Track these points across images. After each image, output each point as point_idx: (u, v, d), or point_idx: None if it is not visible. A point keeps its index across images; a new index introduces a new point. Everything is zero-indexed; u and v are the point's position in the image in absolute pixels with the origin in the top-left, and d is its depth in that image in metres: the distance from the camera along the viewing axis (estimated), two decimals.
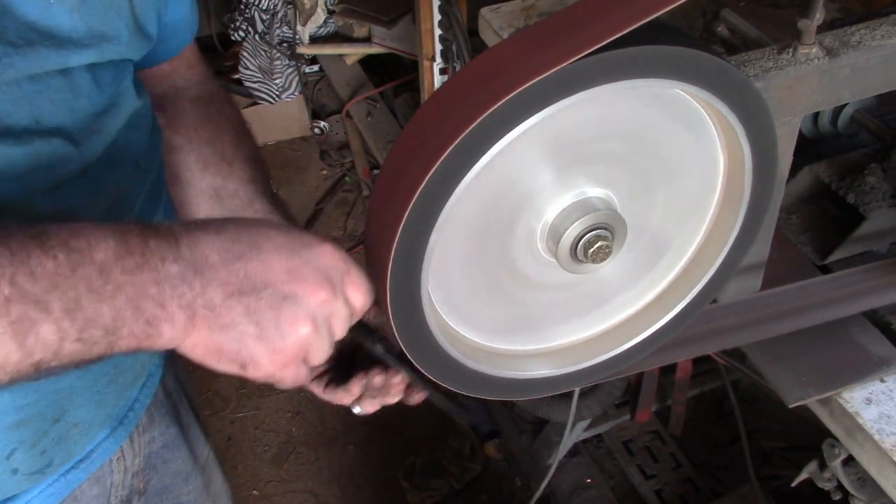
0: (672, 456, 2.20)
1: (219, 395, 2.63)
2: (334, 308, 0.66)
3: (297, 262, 0.64)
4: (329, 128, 3.54)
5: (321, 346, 0.67)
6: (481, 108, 0.57)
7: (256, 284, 0.62)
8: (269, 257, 0.63)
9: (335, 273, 0.66)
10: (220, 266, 0.62)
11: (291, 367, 0.66)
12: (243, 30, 3.39)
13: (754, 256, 0.93)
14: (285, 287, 0.63)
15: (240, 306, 0.62)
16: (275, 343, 0.64)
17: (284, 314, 0.63)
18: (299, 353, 0.66)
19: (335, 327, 0.67)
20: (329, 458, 2.44)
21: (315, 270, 0.65)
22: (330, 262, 0.66)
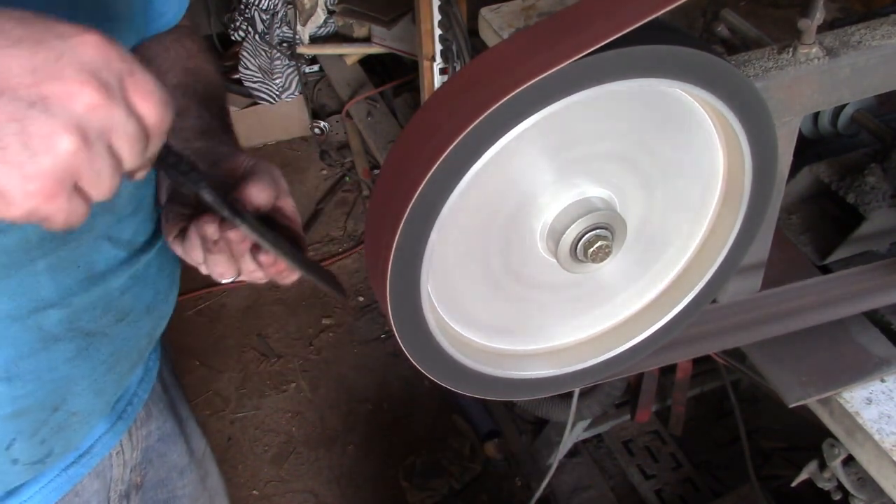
0: (672, 456, 2.20)
1: (219, 395, 2.63)
2: (112, 117, 0.50)
3: (47, 56, 0.49)
4: (329, 128, 3.54)
5: (98, 169, 0.51)
6: (481, 107, 0.57)
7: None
8: (5, 54, 0.48)
9: (108, 72, 0.50)
10: None
11: (59, 197, 0.50)
12: (243, 30, 3.39)
13: (754, 256, 0.93)
14: (31, 90, 0.48)
15: None
16: (25, 166, 0.48)
17: (33, 125, 0.48)
18: (65, 177, 0.50)
19: (119, 146, 0.52)
20: (329, 458, 2.44)
21: (75, 66, 0.49)
22: (97, 56, 0.50)
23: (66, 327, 0.79)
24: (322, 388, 2.62)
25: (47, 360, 0.79)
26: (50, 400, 0.81)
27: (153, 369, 1.01)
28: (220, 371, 2.70)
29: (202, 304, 2.90)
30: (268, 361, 2.72)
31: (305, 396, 2.60)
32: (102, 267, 0.81)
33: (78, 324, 0.80)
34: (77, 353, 0.81)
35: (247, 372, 2.69)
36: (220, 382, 2.67)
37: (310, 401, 2.59)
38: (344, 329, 2.79)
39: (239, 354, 2.75)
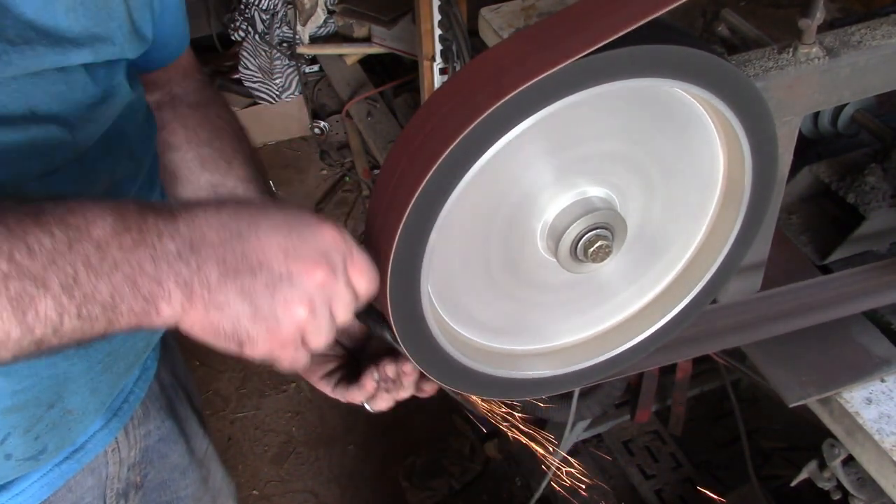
0: (672, 456, 2.20)
1: (219, 395, 2.63)
2: (334, 290, 0.64)
3: (295, 241, 0.63)
4: (329, 128, 3.54)
5: (319, 329, 0.65)
6: (481, 107, 0.57)
7: (252, 264, 0.61)
8: (266, 235, 0.62)
9: (336, 254, 0.64)
10: (217, 244, 0.61)
11: (289, 348, 0.65)
12: (243, 30, 3.39)
13: (754, 256, 0.93)
14: (281, 267, 0.62)
15: (235, 285, 0.61)
16: (269, 324, 0.63)
17: (279, 295, 0.62)
18: (296, 335, 0.65)
19: (336, 310, 0.66)
20: (329, 458, 2.44)
21: (314, 250, 0.63)
22: (331, 242, 0.64)
23: None
24: None
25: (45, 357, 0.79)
26: (46, 396, 0.81)
27: (151, 369, 1.02)
28: (220, 371, 2.70)
29: None
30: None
31: (305, 396, 2.60)
32: None
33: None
34: (74, 351, 0.81)
35: (247, 372, 2.69)
36: (220, 382, 2.67)
37: (310, 401, 2.59)
38: None
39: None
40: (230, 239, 0.61)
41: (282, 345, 0.65)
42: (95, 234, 0.58)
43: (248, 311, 0.62)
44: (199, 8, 3.58)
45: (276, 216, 0.64)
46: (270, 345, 0.64)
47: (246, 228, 0.62)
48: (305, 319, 0.64)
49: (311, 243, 0.63)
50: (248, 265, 0.61)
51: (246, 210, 0.63)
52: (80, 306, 0.58)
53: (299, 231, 0.63)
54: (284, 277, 0.62)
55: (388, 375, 0.83)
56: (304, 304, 0.63)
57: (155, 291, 0.60)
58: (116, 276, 0.58)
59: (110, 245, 0.58)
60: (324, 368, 0.87)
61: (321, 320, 0.65)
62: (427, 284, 0.66)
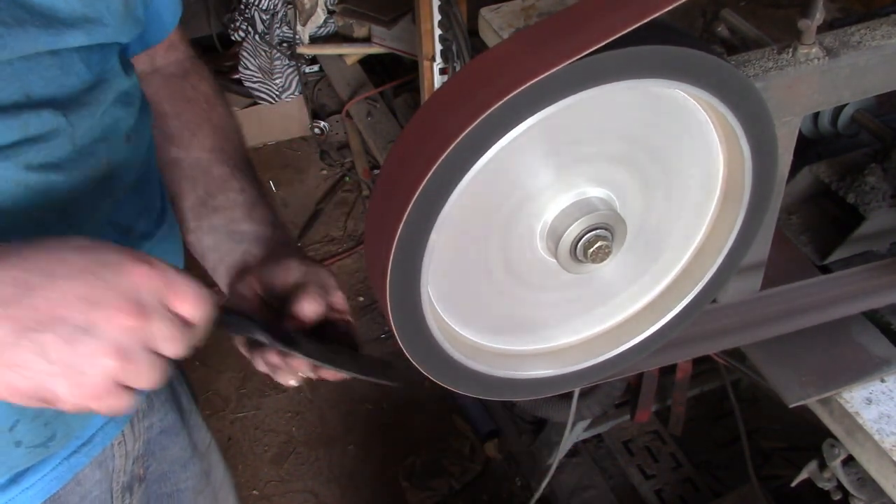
0: (672, 456, 2.20)
1: (219, 395, 2.63)
2: (149, 331, 0.61)
3: (96, 287, 0.59)
4: (329, 128, 3.54)
5: (139, 373, 0.61)
6: (481, 107, 0.57)
7: (46, 319, 0.57)
8: (62, 285, 0.58)
9: (146, 293, 0.60)
10: (7, 301, 0.57)
11: (103, 398, 0.61)
12: (243, 30, 3.39)
13: (754, 256, 0.93)
14: (80, 318, 0.58)
15: (31, 344, 0.57)
16: (74, 379, 0.59)
17: (81, 348, 0.58)
18: (108, 384, 0.60)
19: (162, 348, 0.62)
20: (329, 458, 2.44)
21: (117, 294, 0.59)
22: (140, 280, 0.60)
23: None
24: (322, 388, 2.62)
25: None
26: None
27: None
28: (220, 371, 2.70)
29: None
30: None
31: (305, 396, 2.60)
32: None
33: None
34: None
35: (247, 372, 2.69)
36: (220, 382, 2.67)
37: (310, 401, 2.59)
38: None
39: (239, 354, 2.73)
40: (22, 295, 0.57)
41: (94, 396, 0.61)
42: None
43: (47, 369, 0.58)
44: (199, 8, 3.58)
45: (75, 261, 0.59)
46: (82, 398, 0.60)
47: (38, 280, 0.58)
48: (115, 368, 0.60)
49: (115, 287, 0.59)
50: (42, 321, 0.57)
51: (41, 257, 0.59)
52: None
53: (100, 275, 0.59)
54: (84, 329, 0.58)
55: (274, 364, 0.81)
56: (109, 354, 0.59)
57: None
58: None
59: None
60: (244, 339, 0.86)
61: (138, 364, 0.61)
62: (427, 284, 0.66)
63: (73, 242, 0.61)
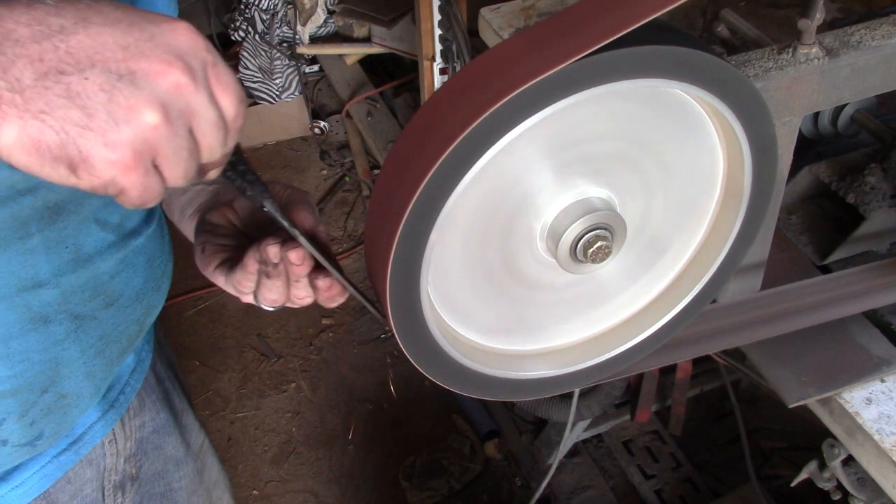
0: (672, 456, 2.20)
1: (219, 395, 2.63)
2: (194, 100, 0.52)
3: (139, 37, 0.51)
4: (329, 128, 3.54)
5: (177, 148, 0.52)
6: (482, 108, 0.57)
7: (81, 61, 0.49)
8: (99, 31, 0.50)
9: (195, 59, 0.52)
10: (28, 40, 0.49)
11: (136, 170, 0.51)
12: (243, 30, 3.39)
13: (754, 256, 0.93)
14: (121, 65, 0.50)
15: (58, 87, 0.49)
16: (108, 133, 0.49)
17: (119, 96, 0.49)
18: (144, 150, 0.51)
19: (198, 130, 0.53)
20: (329, 458, 2.44)
21: (164, 48, 0.51)
22: (187, 42, 0.52)
23: (56, 308, 0.80)
24: (322, 388, 2.62)
25: (37, 341, 0.79)
26: (39, 381, 0.81)
27: (146, 360, 1.02)
28: (220, 371, 2.70)
29: (202, 304, 2.90)
30: (268, 361, 2.72)
31: (305, 396, 2.60)
32: (90, 249, 0.82)
33: (67, 305, 0.81)
34: (66, 335, 0.82)
35: (247, 372, 2.69)
36: (220, 382, 2.67)
37: (310, 401, 2.59)
38: (344, 329, 2.79)
39: (239, 354, 2.75)
40: (48, 35, 0.49)
41: (126, 165, 0.51)
42: None
43: (77, 117, 0.49)
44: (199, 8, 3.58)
45: (113, 12, 0.51)
46: (111, 164, 0.50)
47: (71, 24, 0.50)
48: (156, 128, 0.51)
49: (160, 40, 0.51)
50: (75, 63, 0.49)
51: (71, 4, 0.51)
52: None
53: (143, 27, 0.51)
54: (127, 75, 0.50)
55: (270, 258, 0.71)
56: (153, 107, 0.50)
57: None
58: None
59: None
60: (219, 258, 0.78)
61: (178, 136, 0.52)
62: (427, 284, 0.66)
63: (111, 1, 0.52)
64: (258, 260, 0.72)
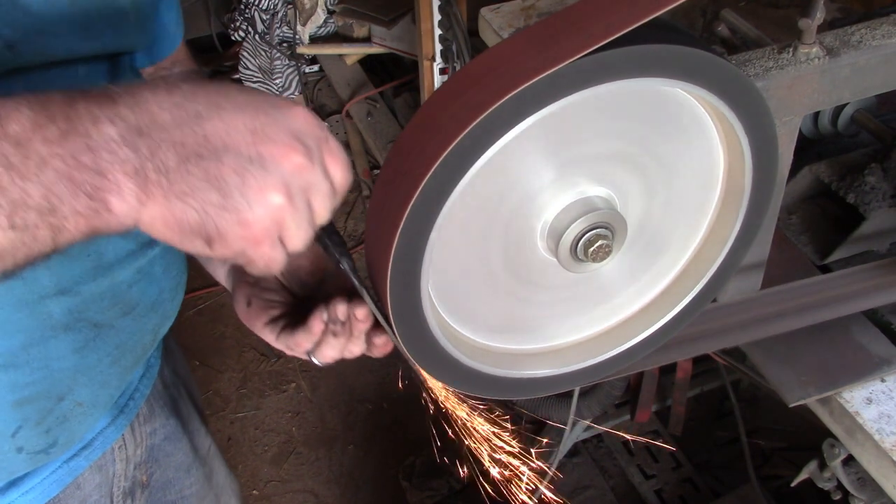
0: (672, 456, 2.20)
1: (219, 395, 2.63)
2: (312, 177, 0.57)
3: (265, 122, 0.56)
4: (329, 128, 3.54)
5: (298, 222, 0.58)
6: (482, 107, 0.57)
7: (216, 146, 0.54)
8: (231, 117, 0.55)
9: (311, 138, 0.58)
10: (171, 126, 0.53)
11: (264, 244, 0.57)
12: (243, 30, 3.39)
13: (754, 256, 0.93)
14: (251, 149, 0.55)
15: (198, 170, 0.54)
16: (242, 213, 0.55)
17: (251, 179, 0.55)
18: (272, 228, 0.57)
19: (314, 202, 0.59)
20: (329, 458, 2.44)
21: (286, 131, 0.56)
22: (304, 125, 0.58)
23: (75, 317, 0.80)
24: (322, 388, 2.62)
25: (55, 349, 0.80)
26: (56, 389, 0.81)
27: (154, 366, 1.02)
28: (220, 371, 2.70)
29: (202, 304, 2.90)
30: (268, 361, 2.72)
31: (305, 396, 2.60)
32: (111, 258, 0.82)
33: (86, 314, 0.81)
34: (86, 343, 0.82)
35: (247, 372, 2.69)
36: (220, 382, 2.67)
37: (310, 401, 2.59)
38: None
39: (239, 354, 2.75)
40: (189, 120, 0.54)
41: (256, 240, 0.57)
42: (12, 129, 0.51)
43: (215, 199, 0.54)
44: (199, 8, 3.58)
45: (239, 97, 0.56)
46: (243, 239, 0.56)
47: (205, 109, 0.55)
48: (282, 208, 0.56)
49: (283, 124, 0.57)
50: (211, 148, 0.54)
51: (206, 89, 0.56)
52: (10, 215, 0.51)
53: (267, 111, 0.56)
54: (255, 160, 0.55)
55: (338, 316, 0.75)
56: (279, 190, 0.56)
57: (99, 185, 0.52)
58: (47, 175, 0.51)
59: (32, 140, 0.51)
60: (268, 314, 0.82)
61: (300, 211, 0.57)
62: (427, 284, 0.66)
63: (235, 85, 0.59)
64: (324, 320, 0.76)
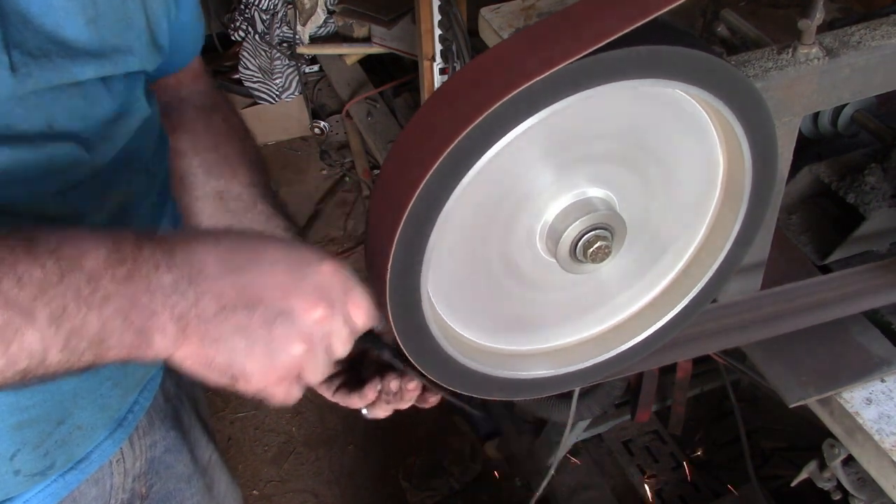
0: (672, 456, 2.20)
1: (219, 395, 2.63)
2: (332, 327, 0.65)
3: (295, 277, 0.64)
4: (329, 128, 3.54)
5: (317, 366, 0.66)
6: (481, 107, 0.57)
7: (250, 299, 0.62)
8: (266, 271, 0.63)
9: (335, 291, 0.65)
10: (215, 277, 0.61)
11: (283, 384, 0.66)
12: (243, 30, 3.39)
13: (754, 256, 0.93)
14: (280, 303, 0.63)
15: (232, 320, 0.61)
16: (265, 360, 0.63)
17: (277, 331, 0.62)
18: (292, 372, 0.65)
19: (334, 346, 0.67)
20: (329, 458, 2.44)
21: (313, 287, 0.64)
22: (330, 279, 0.65)
23: None
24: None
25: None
26: (56, 412, 0.81)
27: (156, 379, 1.01)
28: None
29: None
30: None
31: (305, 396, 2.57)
32: None
33: None
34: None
35: None
36: None
37: (310, 401, 2.59)
38: None
39: None
40: (229, 272, 0.61)
41: (276, 381, 0.65)
42: (88, 265, 0.57)
43: (243, 347, 0.62)
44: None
45: (277, 251, 0.65)
46: (265, 381, 0.64)
47: (246, 262, 0.62)
48: (302, 356, 0.64)
49: (311, 280, 0.64)
50: (246, 300, 0.61)
51: (247, 244, 0.64)
52: (66, 339, 0.57)
53: (299, 267, 0.64)
54: (283, 313, 0.63)
55: (392, 389, 0.83)
56: (301, 341, 0.64)
57: (148, 324, 0.59)
58: (108, 309, 0.57)
59: (103, 277, 0.57)
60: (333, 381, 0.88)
61: (318, 356, 0.66)
62: (427, 285, 0.66)
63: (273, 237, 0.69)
64: (377, 390, 0.83)
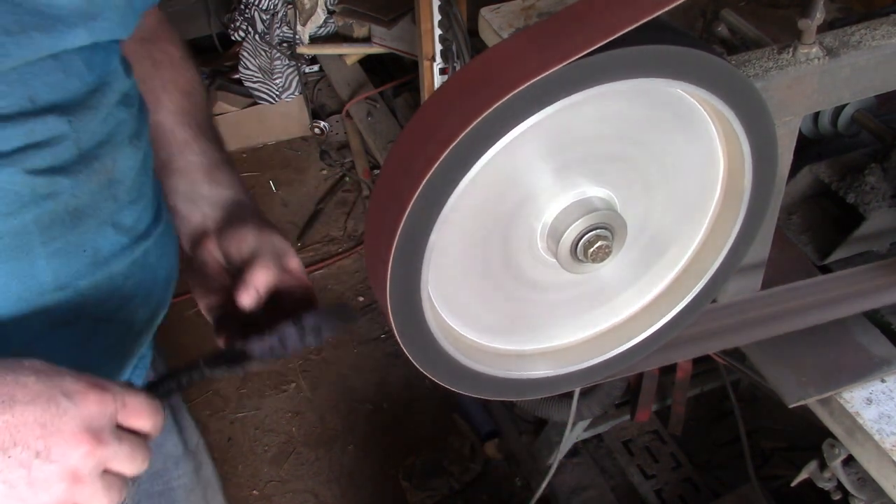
0: (672, 456, 2.20)
1: (219, 395, 2.63)
2: (104, 455, 0.64)
3: (54, 413, 0.62)
4: (329, 128, 3.54)
5: (95, 495, 0.65)
6: (481, 107, 0.57)
7: (5, 442, 0.61)
8: (22, 410, 0.62)
9: (101, 419, 0.64)
10: None
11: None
12: (243, 30, 3.39)
13: (754, 256, 0.93)
14: (38, 443, 0.62)
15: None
16: (28, 501, 0.62)
17: (36, 473, 0.62)
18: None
19: (120, 468, 0.66)
20: (329, 458, 2.44)
21: (74, 421, 0.63)
22: (94, 408, 0.64)
23: (77, 312, 0.81)
24: (322, 388, 2.62)
25: (58, 345, 0.80)
26: None
27: (147, 356, 1.02)
28: None
29: None
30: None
31: (305, 396, 2.60)
32: (107, 252, 0.83)
33: (86, 309, 0.82)
34: (87, 338, 0.83)
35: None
36: (220, 382, 2.67)
37: (310, 401, 2.59)
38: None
39: None
40: None
41: None
42: None
43: (5, 490, 0.61)
44: (199, 8, 3.58)
45: (35, 386, 0.63)
46: None
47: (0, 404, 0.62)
48: (69, 492, 0.63)
49: (73, 414, 0.63)
50: (1, 444, 0.61)
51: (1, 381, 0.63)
52: None
53: (57, 401, 0.63)
54: (41, 454, 0.62)
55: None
56: (63, 479, 0.63)
57: None
58: None
59: None
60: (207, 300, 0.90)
61: (93, 487, 0.64)
62: (427, 284, 0.66)
63: (32, 366, 0.65)
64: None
